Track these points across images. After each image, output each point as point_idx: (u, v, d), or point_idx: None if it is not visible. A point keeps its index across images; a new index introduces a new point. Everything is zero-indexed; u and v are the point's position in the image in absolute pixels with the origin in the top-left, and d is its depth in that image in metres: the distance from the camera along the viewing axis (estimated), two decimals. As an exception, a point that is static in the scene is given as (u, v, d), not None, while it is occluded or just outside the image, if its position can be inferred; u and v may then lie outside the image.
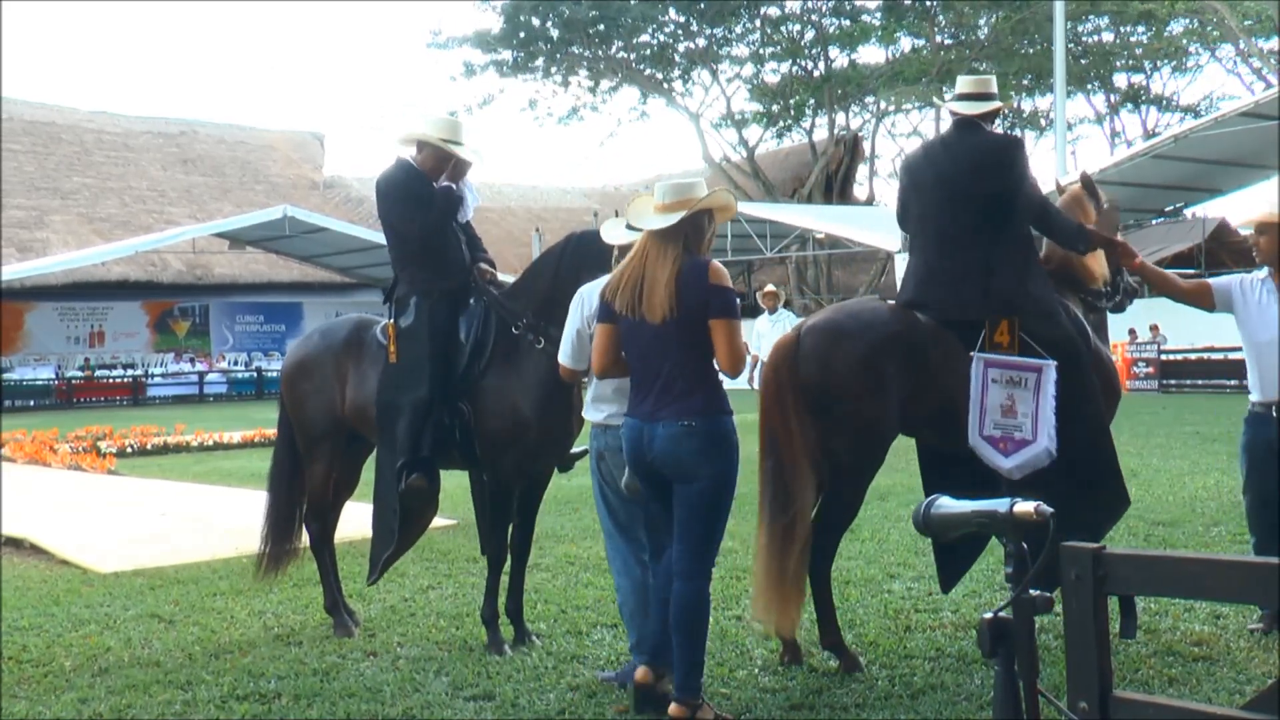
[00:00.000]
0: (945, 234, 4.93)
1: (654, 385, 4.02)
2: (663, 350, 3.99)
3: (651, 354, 4.03)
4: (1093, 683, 2.15)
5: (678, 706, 3.99)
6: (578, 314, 4.62)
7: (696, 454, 3.98)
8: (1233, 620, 5.10)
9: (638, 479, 4.19)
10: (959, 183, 4.86)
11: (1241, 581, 2.09)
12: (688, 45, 43.36)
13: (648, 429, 4.02)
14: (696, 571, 4.06)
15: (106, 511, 9.98)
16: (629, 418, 4.14)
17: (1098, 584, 2.12)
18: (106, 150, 40.86)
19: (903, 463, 11.91)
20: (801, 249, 37.35)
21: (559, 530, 8.09)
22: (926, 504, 2.32)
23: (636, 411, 4.09)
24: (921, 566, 6.46)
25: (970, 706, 4.19)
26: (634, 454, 4.11)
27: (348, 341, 5.67)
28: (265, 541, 5.83)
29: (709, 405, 4.02)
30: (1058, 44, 32.22)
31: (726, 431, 4.07)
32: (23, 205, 36.32)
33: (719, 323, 3.95)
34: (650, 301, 3.96)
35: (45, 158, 39.04)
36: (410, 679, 4.73)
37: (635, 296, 4.00)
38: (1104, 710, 2.15)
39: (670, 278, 3.95)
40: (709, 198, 4.11)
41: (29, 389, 31.88)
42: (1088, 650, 2.14)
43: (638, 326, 4.02)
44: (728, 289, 4.00)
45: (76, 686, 4.77)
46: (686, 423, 3.97)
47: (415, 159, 5.39)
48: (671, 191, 4.07)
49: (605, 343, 4.18)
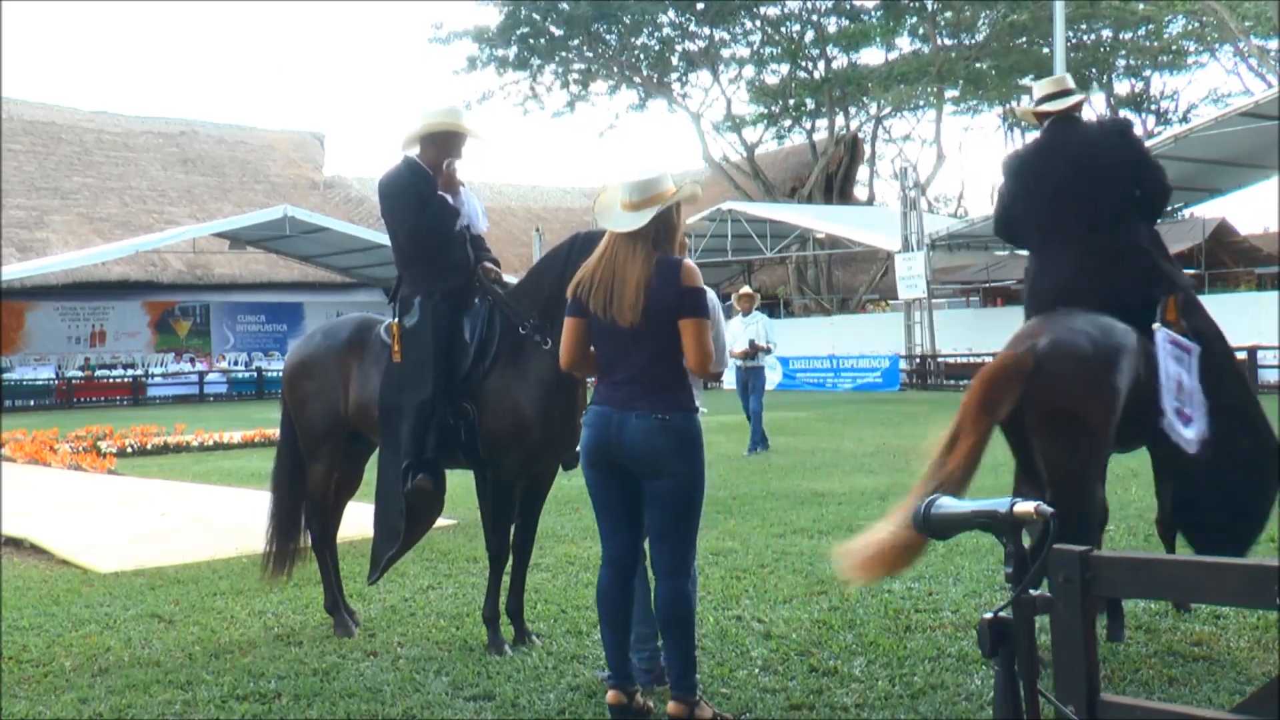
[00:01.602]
0: (1094, 223, 4.97)
1: (624, 379, 4.00)
2: (633, 348, 3.97)
3: (622, 351, 4.00)
4: (1080, 686, 2.15)
5: (676, 705, 3.98)
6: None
7: (671, 450, 3.96)
8: (1233, 620, 5.10)
9: (598, 470, 4.07)
10: (1096, 170, 4.94)
11: (1231, 584, 2.09)
12: (687, 46, 43.36)
13: (618, 416, 3.96)
14: (679, 570, 4.04)
15: (106, 511, 9.99)
16: (596, 405, 4.06)
17: (1085, 587, 2.11)
18: (106, 150, 40.88)
19: (902, 463, 11.96)
20: (801, 249, 37.37)
21: (559, 530, 8.09)
22: (926, 504, 2.31)
23: (607, 400, 4.03)
24: (922, 566, 6.45)
25: (970, 706, 4.18)
26: (599, 442, 4.02)
27: (350, 341, 5.66)
28: (270, 542, 5.83)
29: (681, 402, 4.01)
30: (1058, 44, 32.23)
31: (698, 430, 4.06)
32: (23, 205, 36.33)
33: (689, 322, 3.92)
34: (620, 302, 3.93)
35: (45, 158, 39.06)
36: (410, 679, 4.73)
37: (606, 296, 3.96)
38: (1092, 713, 2.15)
39: (640, 278, 3.92)
40: (677, 192, 4.05)
41: (29, 389, 31.90)
42: (1075, 653, 2.14)
43: (608, 324, 3.98)
44: (700, 289, 3.97)
45: (76, 686, 4.77)
46: (661, 416, 3.94)
47: (419, 156, 5.40)
48: (638, 190, 4.01)
49: (574, 338, 4.12)
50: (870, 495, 9.34)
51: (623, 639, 4.15)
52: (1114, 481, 9.67)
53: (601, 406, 4.04)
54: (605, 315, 3.97)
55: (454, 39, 42.30)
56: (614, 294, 3.94)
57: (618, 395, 4.00)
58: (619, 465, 4.02)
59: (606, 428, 4.00)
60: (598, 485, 4.11)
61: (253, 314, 38.91)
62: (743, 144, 45.29)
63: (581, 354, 4.15)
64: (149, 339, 37.07)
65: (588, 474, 4.13)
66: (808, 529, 7.81)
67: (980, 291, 41.40)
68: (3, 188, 35.59)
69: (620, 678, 4.13)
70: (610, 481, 4.08)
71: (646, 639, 4.49)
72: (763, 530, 7.85)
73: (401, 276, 5.44)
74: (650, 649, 4.48)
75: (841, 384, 29.26)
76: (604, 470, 4.06)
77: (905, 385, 28.66)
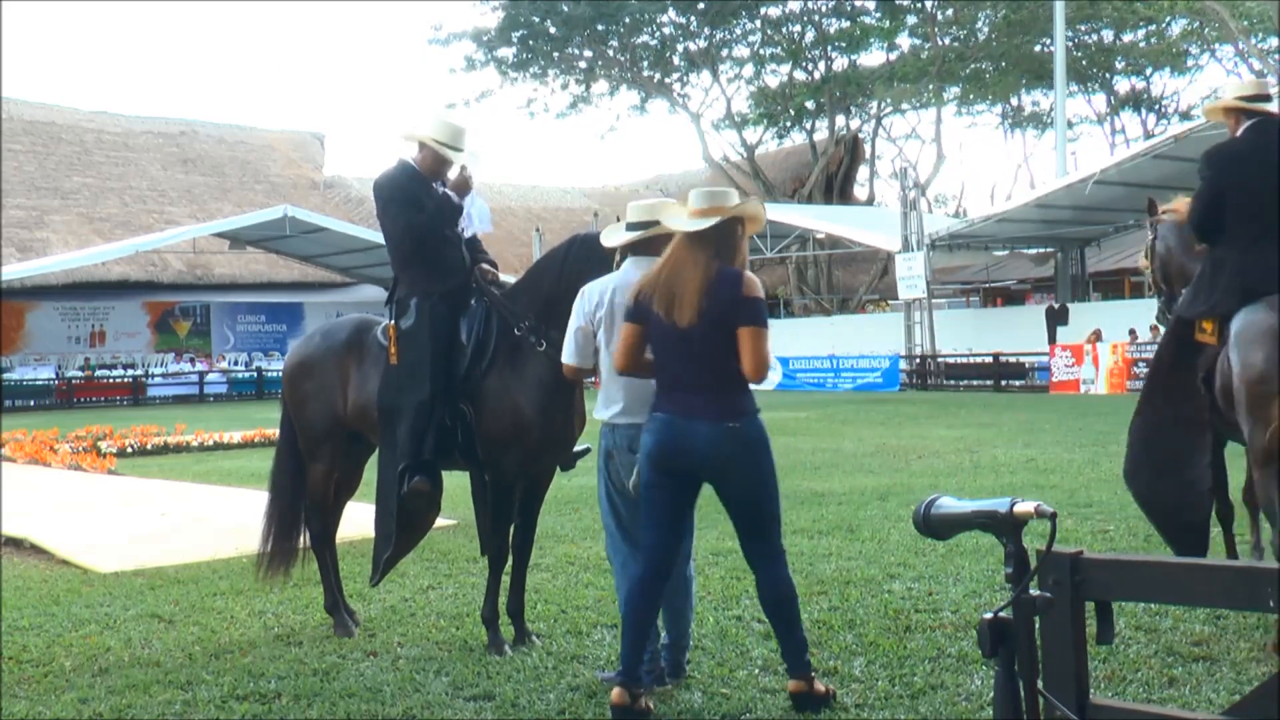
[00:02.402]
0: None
1: (683, 386, 4.15)
2: (690, 352, 4.11)
3: (681, 357, 4.14)
4: (1070, 689, 2.14)
5: (797, 683, 4.19)
6: (580, 312, 4.62)
7: (742, 455, 4.13)
8: (1233, 620, 5.09)
9: (658, 472, 4.19)
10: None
11: (1221, 586, 2.08)
12: (688, 46, 43.36)
13: (684, 425, 4.11)
14: (775, 558, 4.26)
15: (106, 511, 9.99)
16: (660, 413, 4.18)
17: (1075, 589, 2.11)
18: (106, 150, 40.86)
19: (902, 463, 11.97)
20: (801, 249, 37.35)
21: (559, 530, 8.09)
22: (927, 504, 2.32)
23: (669, 408, 4.16)
24: (921, 567, 6.46)
25: (970, 706, 4.18)
26: (666, 448, 4.15)
27: (348, 342, 5.66)
28: (266, 542, 5.83)
29: (746, 408, 4.16)
30: (1058, 44, 32.22)
31: (764, 431, 4.22)
32: (23, 205, 36.32)
33: (747, 330, 4.07)
34: (681, 302, 4.08)
35: (45, 158, 39.05)
36: (410, 679, 4.73)
37: (668, 297, 4.11)
38: (1082, 715, 2.15)
39: (700, 283, 4.08)
40: (740, 205, 4.26)
41: (29, 389, 31.88)
42: (1065, 656, 2.13)
43: (667, 329, 4.12)
44: (759, 299, 4.14)
45: (76, 686, 4.77)
46: (731, 424, 4.10)
47: (415, 159, 5.39)
48: (706, 198, 4.24)
49: (632, 342, 4.25)
50: (870, 495, 9.34)
51: (643, 640, 4.23)
52: (1114, 482, 9.67)
53: (666, 414, 4.16)
54: (667, 317, 4.11)
55: (453, 40, 42.33)
56: (676, 294, 4.10)
57: (682, 403, 4.14)
58: (682, 470, 4.17)
59: (674, 435, 4.13)
60: (654, 486, 4.22)
61: (253, 314, 38.89)
62: (743, 144, 45.30)
63: (637, 358, 4.26)
64: (149, 339, 37.06)
65: (647, 474, 4.22)
66: (808, 529, 7.81)
67: (980, 291, 41.43)
68: (3, 188, 35.57)
69: (630, 678, 4.17)
70: (668, 484, 4.20)
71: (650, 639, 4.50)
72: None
73: (398, 278, 5.44)
74: (651, 650, 4.48)
75: (841, 384, 29.25)
76: (665, 473, 4.19)
77: (905, 385, 28.65)
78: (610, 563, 4.83)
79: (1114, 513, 8.07)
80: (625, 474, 4.51)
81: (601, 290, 4.59)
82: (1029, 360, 27.49)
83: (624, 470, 4.52)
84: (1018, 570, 2.15)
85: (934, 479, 10.42)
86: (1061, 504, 8.44)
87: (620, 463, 4.53)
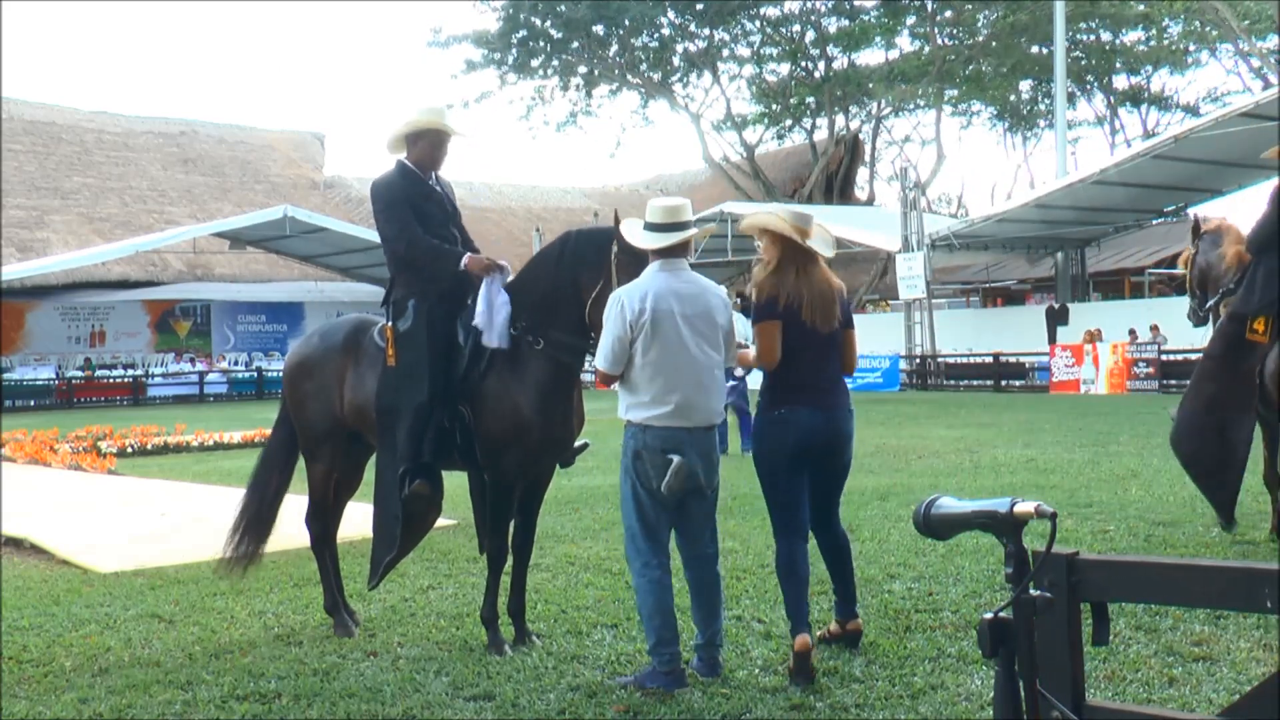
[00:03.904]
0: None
1: (823, 381, 4.81)
2: (828, 354, 4.82)
3: (820, 356, 4.80)
4: (1066, 690, 2.14)
5: (855, 622, 5.02)
6: (619, 320, 4.53)
7: (853, 436, 4.95)
8: (1233, 620, 5.09)
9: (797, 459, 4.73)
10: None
11: (1217, 586, 2.08)
12: (687, 46, 43.36)
13: (825, 416, 4.78)
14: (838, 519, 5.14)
15: (106, 511, 9.98)
16: (804, 408, 4.74)
17: (1071, 590, 2.11)
18: (106, 150, 40.85)
19: (902, 463, 11.96)
20: (802, 249, 37.23)
21: (559, 530, 8.09)
22: (927, 504, 2.31)
23: (812, 403, 4.75)
24: (921, 567, 6.46)
25: (970, 706, 4.18)
26: (813, 435, 4.73)
27: (346, 342, 5.66)
28: (237, 540, 5.82)
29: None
30: (1058, 44, 32.19)
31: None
32: (23, 205, 36.31)
33: (850, 332, 4.93)
34: (827, 314, 4.78)
35: (45, 158, 39.04)
36: (410, 679, 4.73)
37: (821, 310, 4.75)
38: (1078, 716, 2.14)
39: (836, 294, 4.84)
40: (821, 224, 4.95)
41: (29, 389, 31.87)
42: (1061, 657, 2.13)
43: (810, 333, 4.73)
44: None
45: (76, 686, 4.77)
46: (851, 408, 4.94)
47: (410, 159, 5.39)
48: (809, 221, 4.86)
49: (778, 338, 4.74)
50: (870, 495, 9.34)
51: (805, 593, 4.72)
52: (1114, 482, 9.68)
53: (807, 409, 4.75)
54: (819, 324, 4.75)
55: (453, 43, 42.30)
56: (827, 306, 4.79)
57: (821, 399, 4.80)
58: (816, 453, 4.79)
59: (815, 427, 4.75)
60: (793, 472, 4.77)
61: (253, 314, 38.87)
62: (743, 144, 45.28)
63: (779, 353, 4.75)
64: (149, 339, 37.03)
65: (784, 463, 4.75)
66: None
67: (980, 291, 41.40)
68: (3, 188, 35.57)
69: (803, 627, 4.60)
70: (803, 466, 4.79)
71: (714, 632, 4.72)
72: (763, 530, 7.84)
73: (394, 279, 5.43)
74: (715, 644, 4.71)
75: (841, 384, 29.20)
76: (802, 459, 4.77)
77: (905, 385, 28.66)
78: (629, 564, 4.79)
79: (1114, 513, 8.07)
80: (656, 475, 4.47)
81: (641, 298, 4.54)
82: (1029, 360, 27.50)
83: (654, 471, 4.48)
84: (1018, 571, 2.15)
85: (934, 479, 10.42)
86: (1061, 504, 8.43)
87: (651, 464, 4.49)
